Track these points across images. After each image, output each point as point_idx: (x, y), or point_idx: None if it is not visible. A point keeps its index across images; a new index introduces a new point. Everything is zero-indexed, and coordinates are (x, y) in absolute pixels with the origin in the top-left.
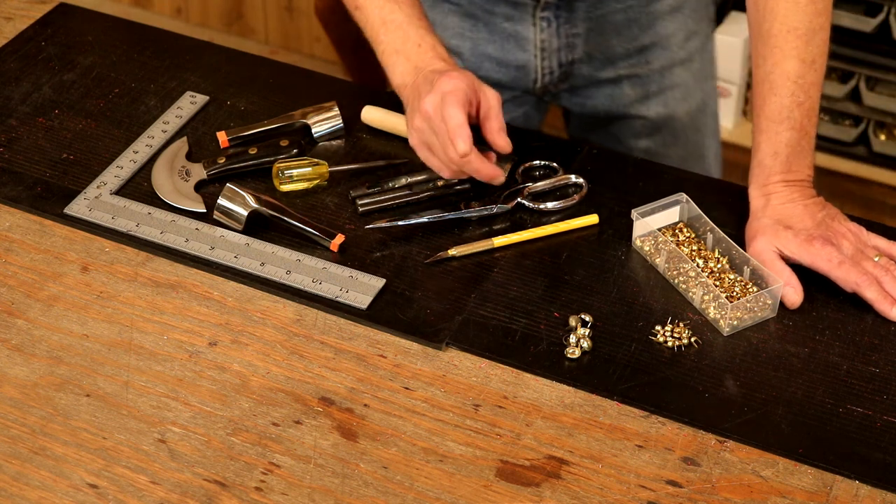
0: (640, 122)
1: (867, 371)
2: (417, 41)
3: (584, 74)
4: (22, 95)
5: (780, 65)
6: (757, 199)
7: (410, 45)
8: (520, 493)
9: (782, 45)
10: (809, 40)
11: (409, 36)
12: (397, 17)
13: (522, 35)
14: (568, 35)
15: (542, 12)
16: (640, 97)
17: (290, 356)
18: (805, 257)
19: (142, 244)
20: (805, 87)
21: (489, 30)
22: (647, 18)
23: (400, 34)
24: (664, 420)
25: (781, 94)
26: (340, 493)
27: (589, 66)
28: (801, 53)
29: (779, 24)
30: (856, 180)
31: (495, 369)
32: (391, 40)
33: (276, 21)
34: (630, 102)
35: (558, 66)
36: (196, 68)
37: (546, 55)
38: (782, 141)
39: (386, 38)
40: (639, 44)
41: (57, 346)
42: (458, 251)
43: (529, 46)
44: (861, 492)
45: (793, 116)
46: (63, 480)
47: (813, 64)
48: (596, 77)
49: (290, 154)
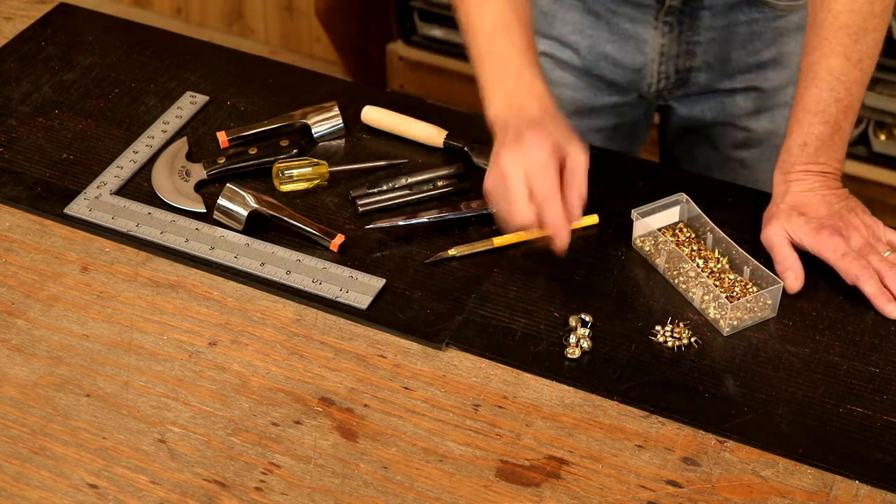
0: (743, 134)
1: (867, 371)
2: (516, 74)
3: (699, 83)
4: (22, 95)
5: (826, 58)
6: (779, 185)
7: (509, 79)
8: (520, 493)
9: (831, 39)
10: (859, 39)
11: (509, 70)
12: (503, 48)
13: (643, 38)
14: (689, 42)
15: (665, 17)
16: (751, 111)
17: (290, 356)
18: (812, 244)
19: (142, 244)
20: (847, 84)
21: (610, 29)
22: (772, 34)
23: (501, 66)
24: (664, 420)
25: (822, 86)
26: (340, 493)
27: (706, 75)
28: (847, 51)
29: (832, 18)
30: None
31: (495, 369)
32: (491, 71)
33: (276, 21)
34: (740, 115)
35: (675, 72)
36: (196, 68)
37: (664, 60)
38: (813, 133)
39: (488, 68)
40: (759, 59)
41: (57, 346)
42: (458, 251)
43: (648, 50)
44: (861, 492)
45: (828, 111)
46: (63, 480)
47: (859, 63)
48: (712, 87)
49: (290, 154)
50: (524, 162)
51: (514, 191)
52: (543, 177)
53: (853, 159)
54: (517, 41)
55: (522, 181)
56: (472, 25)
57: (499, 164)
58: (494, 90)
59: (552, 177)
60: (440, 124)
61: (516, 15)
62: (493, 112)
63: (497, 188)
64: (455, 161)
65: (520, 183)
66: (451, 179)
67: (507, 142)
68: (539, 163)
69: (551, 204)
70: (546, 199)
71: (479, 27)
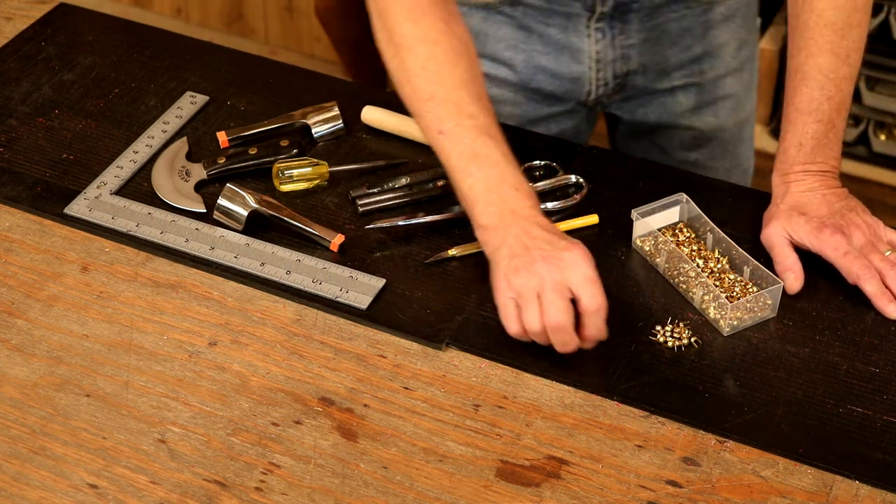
0: (689, 133)
1: (867, 371)
2: (514, 185)
3: (638, 85)
4: (22, 95)
5: (814, 58)
6: (778, 187)
7: (506, 187)
8: (520, 493)
9: (817, 38)
10: (845, 35)
11: (505, 177)
12: (492, 153)
13: (577, 46)
14: (623, 46)
15: (596, 23)
16: (692, 107)
17: (290, 356)
18: (814, 243)
19: (142, 244)
20: (836, 81)
21: (543, 41)
22: (701, 28)
23: (495, 172)
24: (664, 420)
25: (812, 86)
26: (340, 494)
27: (644, 77)
28: (835, 48)
29: (816, 16)
30: (856, 180)
31: (495, 369)
32: (484, 176)
33: (276, 21)
34: (682, 112)
35: (613, 77)
36: (196, 68)
37: (601, 67)
38: (808, 132)
39: (478, 172)
40: (693, 53)
41: (57, 346)
42: (458, 251)
43: (584, 58)
44: (861, 492)
45: (821, 109)
46: (63, 480)
47: (847, 59)
48: (650, 88)
49: (290, 154)
50: (569, 272)
51: (554, 291)
52: (596, 289)
53: (853, 159)
54: (504, 148)
55: (565, 286)
56: (445, 125)
57: (536, 267)
58: (488, 195)
59: (602, 291)
60: None
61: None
62: (486, 219)
63: (530, 289)
64: None
65: (562, 286)
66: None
67: (544, 249)
68: (591, 276)
69: (601, 314)
70: (598, 310)
71: (452, 126)
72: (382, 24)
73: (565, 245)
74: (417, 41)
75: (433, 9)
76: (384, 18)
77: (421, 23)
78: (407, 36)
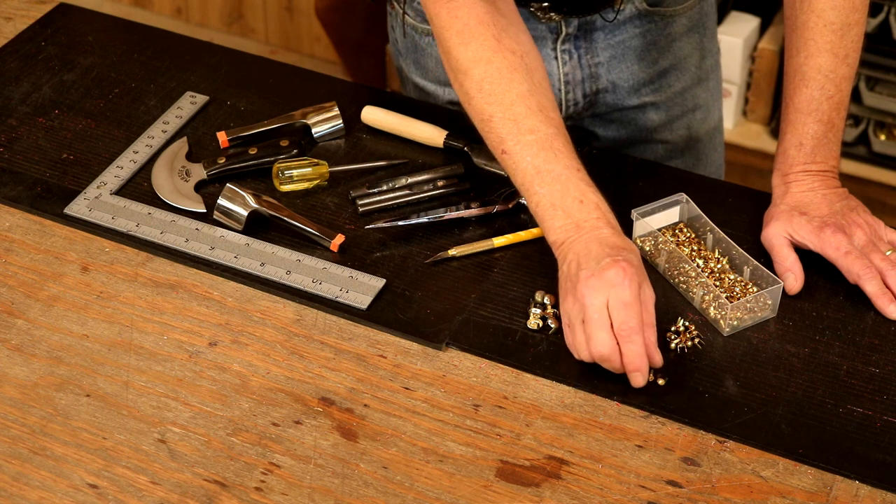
0: (664, 147)
1: (867, 371)
2: (579, 197)
3: (608, 103)
4: (22, 95)
5: (813, 58)
6: (778, 187)
7: (570, 200)
8: (520, 493)
9: (817, 38)
10: (844, 35)
11: (569, 190)
12: (554, 167)
13: None
14: (590, 65)
15: (562, 45)
16: (663, 122)
17: (290, 356)
18: (815, 243)
19: (142, 244)
20: (836, 80)
21: None
22: (665, 41)
23: (558, 187)
24: (664, 420)
25: (812, 86)
26: (340, 494)
27: (613, 95)
28: (834, 48)
29: (815, 17)
30: (856, 180)
31: (495, 369)
32: (548, 193)
33: (276, 21)
34: (654, 128)
35: (583, 97)
36: (196, 68)
37: (570, 88)
38: (808, 132)
39: (542, 189)
40: (659, 68)
41: (57, 346)
42: (458, 251)
43: (553, 81)
44: (861, 492)
45: (821, 109)
46: (63, 480)
47: (846, 58)
48: (620, 105)
49: (290, 154)
50: (608, 294)
51: (595, 320)
52: (628, 313)
53: (853, 159)
54: (566, 160)
55: (605, 311)
56: (508, 144)
57: (579, 290)
58: (554, 211)
59: (637, 314)
60: (440, 124)
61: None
62: (556, 235)
63: (576, 315)
64: (455, 161)
65: (603, 312)
66: (451, 179)
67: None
68: (625, 299)
69: (635, 339)
70: (630, 335)
71: (517, 142)
72: (441, 48)
73: (609, 262)
74: (471, 63)
75: (481, 28)
76: (441, 42)
77: (471, 45)
78: (461, 59)
